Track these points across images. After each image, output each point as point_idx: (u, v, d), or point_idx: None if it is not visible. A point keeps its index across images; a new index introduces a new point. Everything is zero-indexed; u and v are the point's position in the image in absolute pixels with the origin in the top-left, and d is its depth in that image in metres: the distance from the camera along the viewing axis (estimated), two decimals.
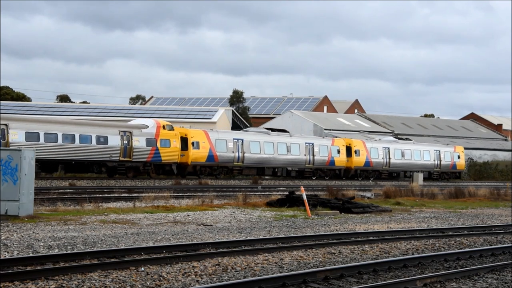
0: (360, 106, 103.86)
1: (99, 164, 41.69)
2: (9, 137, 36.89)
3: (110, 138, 41.49)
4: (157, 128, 44.05)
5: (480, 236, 17.47)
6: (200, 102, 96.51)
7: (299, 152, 52.23)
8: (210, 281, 10.51)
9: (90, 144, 40.60)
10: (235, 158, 48.13)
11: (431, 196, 33.03)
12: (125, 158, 42.20)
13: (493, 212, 26.89)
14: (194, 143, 45.95)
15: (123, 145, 42.00)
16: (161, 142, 43.83)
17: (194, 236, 15.69)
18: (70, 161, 40.54)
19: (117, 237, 14.94)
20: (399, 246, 15.17)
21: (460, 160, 65.67)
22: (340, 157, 55.25)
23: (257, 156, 49.42)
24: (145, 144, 43.11)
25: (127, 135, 42.32)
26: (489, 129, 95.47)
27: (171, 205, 23.28)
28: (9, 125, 37.28)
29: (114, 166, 42.22)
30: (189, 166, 45.87)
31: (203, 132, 47.28)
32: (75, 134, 40.08)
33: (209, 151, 46.71)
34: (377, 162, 58.05)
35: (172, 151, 44.53)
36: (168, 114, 68.45)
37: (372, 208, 24.56)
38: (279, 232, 17.15)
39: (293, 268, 11.84)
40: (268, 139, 50.69)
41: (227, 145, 47.74)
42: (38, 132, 38.50)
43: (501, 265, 12.35)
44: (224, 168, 48.30)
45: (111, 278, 10.36)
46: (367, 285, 10.18)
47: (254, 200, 26.19)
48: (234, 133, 51.14)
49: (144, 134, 43.26)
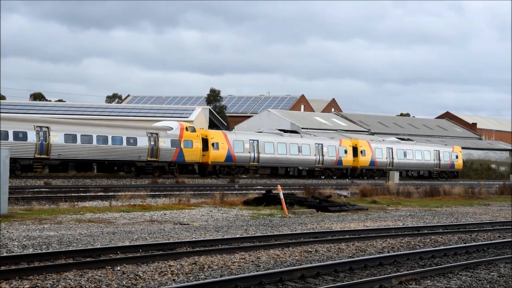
0: (337, 105, 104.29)
1: (129, 164, 43.89)
2: (50, 139, 39.51)
3: (139, 139, 43.86)
4: (181, 130, 46.44)
5: (455, 234, 17.65)
6: (177, 101, 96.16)
7: (310, 152, 54.57)
8: (186, 280, 10.49)
9: (121, 145, 42.99)
10: (251, 158, 50.50)
11: (407, 194, 33.28)
12: (152, 159, 44.59)
13: (467, 210, 27.18)
14: (214, 144, 48.33)
15: (151, 146, 44.37)
16: (184, 143, 46.23)
17: (170, 235, 15.64)
18: (103, 161, 42.90)
19: (93, 236, 14.84)
20: (375, 244, 15.27)
21: (458, 160, 67.61)
22: (347, 157, 57.46)
23: (271, 156, 51.80)
24: (170, 145, 45.45)
25: (154, 136, 44.68)
26: (464, 128, 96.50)
27: (148, 204, 23.18)
28: (50, 127, 39.73)
29: (142, 166, 44.47)
30: (209, 165, 48.28)
31: (222, 134, 49.98)
32: (108, 135, 42.43)
33: (228, 151, 49.07)
34: (382, 161, 60.19)
35: (194, 152, 46.96)
36: (145, 113, 68.14)
37: (349, 206, 24.68)
38: (256, 231, 17.16)
39: (270, 267, 11.86)
40: (281, 140, 53.05)
41: (243, 146, 50.02)
42: (76, 134, 40.83)
43: (475, 263, 12.49)
44: (241, 168, 50.51)
45: (86, 278, 10.29)
46: (343, 283, 10.23)
47: (231, 199, 26.18)
48: (250, 134, 52.99)
49: (169, 135, 45.56)
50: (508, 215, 25.18)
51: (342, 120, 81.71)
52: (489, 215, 25.12)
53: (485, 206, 29.94)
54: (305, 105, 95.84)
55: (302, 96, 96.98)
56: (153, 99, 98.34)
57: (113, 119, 60.03)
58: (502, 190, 40.22)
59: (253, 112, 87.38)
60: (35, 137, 38.96)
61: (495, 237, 17.63)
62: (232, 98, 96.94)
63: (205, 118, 69.10)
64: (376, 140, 63.45)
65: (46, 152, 39.45)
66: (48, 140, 39.38)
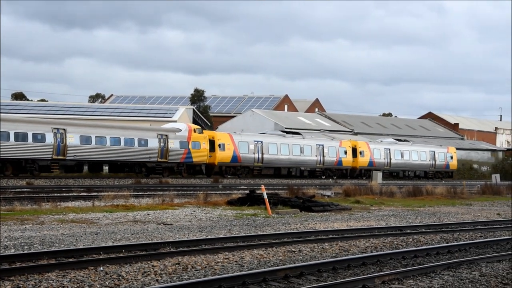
0: (320, 105, 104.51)
1: (140, 164, 45.30)
2: (67, 140, 40.89)
3: (149, 141, 45.29)
4: (189, 132, 47.83)
5: (437, 234, 17.76)
6: (160, 101, 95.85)
7: (311, 153, 55.90)
8: (170, 280, 10.46)
9: (133, 146, 44.41)
10: (255, 159, 51.88)
11: (390, 194, 33.46)
12: (162, 159, 46.00)
13: (449, 210, 27.37)
14: (221, 145, 49.63)
15: (160, 147, 45.77)
16: (192, 144, 47.59)
17: (154, 235, 15.59)
18: (116, 162, 44.35)
19: (76, 237, 14.76)
20: (358, 244, 15.33)
21: (453, 160, 69.09)
22: (347, 157, 58.82)
23: (275, 157, 53.19)
24: (179, 146, 46.81)
25: (163, 138, 46.11)
26: (446, 128, 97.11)
27: (131, 204, 23.09)
28: (67, 129, 41.16)
29: (152, 167, 45.88)
30: (216, 166, 49.53)
31: (228, 135, 51.12)
32: (121, 137, 43.86)
33: (233, 152, 50.36)
34: (380, 162, 61.48)
35: (202, 153, 48.38)
36: (128, 113, 67.85)
37: (332, 206, 24.75)
38: (239, 231, 17.16)
39: (254, 267, 11.86)
40: (284, 141, 54.42)
41: (248, 147, 51.36)
42: (90, 135, 42.26)
43: (457, 262, 12.58)
44: (246, 168, 51.69)
45: (69, 278, 10.23)
46: (326, 283, 10.25)
47: (215, 199, 26.16)
48: (254, 135, 54.24)
49: (178, 137, 46.99)
50: (489, 215, 25.40)
51: (325, 120, 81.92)
52: (471, 214, 25.32)
53: (467, 206, 30.16)
54: (289, 105, 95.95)
55: (285, 96, 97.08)
56: (137, 99, 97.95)
57: (96, 119, 59.75)
58: (483, 190, 40.58)
59: (237, 112, 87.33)
60: (53, 139, 40.29)
61: (477, 236, 17.77)
62: (216, 98, 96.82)
63: (189, 118, 68.96)
64: (374, 141, 64.91)
65: (63, 153, 40.88)
66: (64, 141, 40.78)
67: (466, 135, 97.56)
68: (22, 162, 39.40)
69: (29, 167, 39.83)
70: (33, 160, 39.53)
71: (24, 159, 39.32)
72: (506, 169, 74.98)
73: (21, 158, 39.15)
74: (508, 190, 41.08)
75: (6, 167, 38.93)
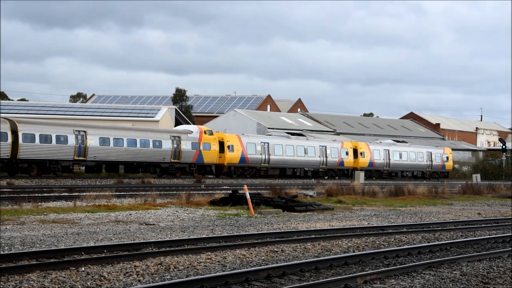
0: (303, 105, 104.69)
1: (154, 165, 47.14)
2: (87, 142, 42.84)
3: (163, 142, 47.22)
4: (200, 133, 49.87)
5: (419, 234, 17.87)
6: (142, 100, 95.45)
7: (315, 154, 57.79)
8: (152, 280, 10.43)
9: (148, 147, 46.37)
10: (262, 160, 53.84)
11: (372, 194, 33.58)
12: (175, 160, 47.95)
13: (431, 209, 27.55)
14: (230, 146, 51.50)
15: (174, 149, 47.70)
16: (203, 146, 49.70)
17: (136, 235, 15.53)
18: (132, 162, 46.28)
19: (57, 237, 14.66)
20: (341, 243, 15.38)
21: (448, 161, 70.80)
22: (348, 158, 60.72)
23: (280, 158, 55.13)
24: (191, 147, 48.85)
25: (176, 139, 48.05)
26: (427, 129, 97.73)
27: (113, 204, 22.98)
28: (87, 131, 43.12)
29: (166, 167, 47.75)
30: (225, 167, 51.48)
31: (237, 137, 53.07)
32: (137, 139, 45.85)
33: (242, 153, 52.32)
34: (379, 162, 63.53)
35: (212, 154, 50.36)
36: (110, 112, 67.52)
37: (315, 206, 24.81)
38: (222, 231, 17.14)
39: (236, 267, 11.86)
40: (289, 142, 56.54)
41: (256, 148, 53.36)
42: (109, 137, 44.34)
43: (438, 262, 12.66)
44: (253, 169, 53.62)
45: (50, 279, 10.16)
46: (309, 283, 10.28)
47: (198, 199, 26.11)
48: (261, 137, 56.54)
49: (189, 138, 49.03)
50: (470, 215, 25.61)
51: (308, 120, 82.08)
52: (452, 214, 25.50)
53: (448, 206, 30.38)
54: (271, 105, 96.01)
55: (268, 96, 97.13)
56: (119, 99, 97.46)
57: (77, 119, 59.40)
58: (464, 189, 40.88)
59: (219, 112, 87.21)
60: (74, 141, 42.30)
61: (458, 236, 17.91)
62: (198, 98, 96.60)
63: (171, 118, 68.77)
64: (374, 142, 66.86)
65: (84, 154, 42.87)
66: (85, 143, 42.75)
67: (447, 135, 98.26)
68: (46, 163, 41.18)
69: (53, 168, 41.65)
70: (56, 161, 41.46)
71: (48, 160, 41.14)
72: (487, 169, 75.70)
73: (45, 159, 41.01)
74: (489, 190, 41.44)
75: (31, 167, 40.66)
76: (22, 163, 40.14)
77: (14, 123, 39.85)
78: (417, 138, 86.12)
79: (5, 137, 38.93)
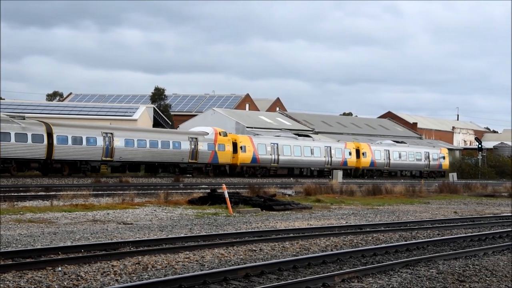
0: (281, 105, 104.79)
1: (173, 165, 49.48)
2: (114, 143, 45.25)
3: (182, 143, 49.58)
4: (215, 135, 52.17)
5: (396, 232, 17.99)
6: (120, 99, 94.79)
7: (320, 154, 59.95)
8: (130, 280, 10.38)
9: (168, 148, 48.66)
10: (272, 160, 56.10)
11: (350, 193, 33.74)
12: (192, 160, 50.43)
13: (408, 208, 27.75)
14: (242, 147, 53.84)
15: (191, 149, 50.11)
16: (218, 147, 51.96)
17: (114, 234, 15.44)
18: (154, 162, 48.70)
19: (33, 237, 14.53)
20: (319, 242, 15.43)
21: (445, 161, 72.92)
22: (351, 158, 62.98)
23: (289, 158, 57.27)
24: (207, 148, 51.22)
25: (194, 140, 50.43)
26: (405, 128, 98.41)
27: (90, 204, 22.82)
28: (114, 133, 45.74)
29: (184, 167, 50.07)
30: (238, 166, 53.70)
31: (248, 138, 55.73)
32: (158, 140, 48.18)
33: (253, 154, 54.64)
34: (380, 162, 65.82)
35: (226, 154, 52.68)
36: (87, 111, 67.04)
37: (293, 205, 24.86)
38: (200, 230, 17.11)
39: (214, 266, 11.85)
40: (297, 143, 58.82)
41: (266, 149, 55.61)
42: (133, 139, 46.85)
43: (415, 260, 12.76)
44: (263, 169, 55.73)
45: (26, 279, 10.06)
46: (287, 282, 10.30)
47: (176, 198, 26.02)
48: (270, 138, 58.43)
49: (206, 139, 51.40)
50: (447, 213, 25.84)
51: (286, 119, 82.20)
52: (429, 213, 25.72)
53: (425, 205, 30.63)
54: (250, 104, 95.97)
55: (247, 95, 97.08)
56: (96, 97, 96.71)
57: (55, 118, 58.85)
58: (441, 188, 41.24)
59: (198, 111, 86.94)
60: (102, 142, 44.70)
61: (435, 234, 18.06)
62: (176, 96, 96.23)
63: (150, 116, 68.46)
64: (375, 143, 69.28)
65: (111, 155, 45.31)
66: (112, 144, 45.16)
67: (424, 134, 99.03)
68: (77, 163, 43.80)
69: (83, 168, 44.24)
70: (86, 161, 44.12)
71: (79, 161, 43.75)
72: (463, 168, 76.40)
73: (76, 160, 43.62)
74: (465, 189, 41.85)
75: (64, 167, 43.31)
76: (56, 163, 42.60)
77: (49, 126, 42.45)
78: (395, 137, 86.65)
79: (41, 139, 41.45)
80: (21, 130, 40.56)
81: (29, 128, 41.07)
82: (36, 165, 41.91)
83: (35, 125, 41.86)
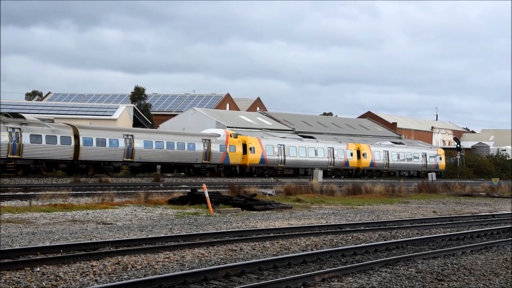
0: (262, 104, 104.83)
1: (188, 166, 51.90)
2: (134, 144, 47.63)
3: (196, 145, 51.92)
4: (227, 137, 54.36)
5: (376, 232, 18.08)
6: (100, 99, 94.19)
7: (323, 155, 62.18)
8: (109, 280, 10.33)
9: (184, 150, 50.97)
10: (279, 161, 58.13)
11: (330, 193, 33.85)
12: (205, 161, 52.67)
13: (388, 208, 27.91)
14: (251, 148, 55.90)
15: (205, 151, 52.34)
16: (229, 148, 54.18)
17: (93, 235, 15.35)
18: (170, 163, 50.77)
19: (11, 237, 14.40)
20: (299, 242, 15.47)
21: (441, 161, 74.97)
22: (352, 159, 65.23)
23: (295, 158, 59.40)
24: (219, 149, 53.38)
25: (207, 142, 52.67)
26: (385, 128, 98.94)
27: (70, 204, 22.66)
28: (134, 135, 48.30)
29: (198, 168, 52.34)
30: (247, 167, 55.75)
31: (257, 139, 57.44)
32: (174, 142, 50.49)
33: (261, 155, 56.71)
34: (379, 163, 68.06)
35: (237, 155, 54.92)
36: (67, 111, 66.57)
37: (273, 205, 24.89)
38: (180, 229, 17.07)
39: (195, 266, 11.83)
40: (302, 144, 60.95)
41: (273, 150, 57.71)
42: (152, 140, 49.26)
43: (394, 259, 12.84)
44: (271, 169, 57.79)
45: (4, 279, 9.97)
46: (267, 281, 10.31)
47: (156, 197, 25.93)
48: (277, 139, 60.25)
49: (218, 141, 53.55)
50: (426, 213, 26.03)
51: (267, 119, 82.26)
52: (408, 212, 25.89)
53: (405, 204, 30.83)
54: (231, 104, 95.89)
55: (227, 95, 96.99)
56: (75, 97, 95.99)
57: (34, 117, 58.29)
58: (420, 188, 41.55)
59: (178, 111, 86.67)
60: (124, 144, 47.07)
61: (414, 234, 18.18)
62: (157, 96, 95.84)
63: (129, 116, 68.12)
64: (374, 144, 71.01)
65: (131, 156, 47.67)
66: (132, 146, 47.56)
67: (404, 134, 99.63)
68: (101, 163, 46.05)
69: (106, 168, 46.40)
70: (109, 162, 46.42)
71: (103, 161, 46.02)
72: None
73: (100, 161, 45.93)
74: (444, 188, 42.19)
75: (88, 168, 45.70)
76: (81, 164, 45.03)
77: (76, 128, 44.90)
78: (374, 137, 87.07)
79: (69, 141, 43.90)
80: (51, 132, 42.99)
81: (58, 131, 43.52)
82: (64, 166, 44.41)
83: (63, 128, 44.36)
